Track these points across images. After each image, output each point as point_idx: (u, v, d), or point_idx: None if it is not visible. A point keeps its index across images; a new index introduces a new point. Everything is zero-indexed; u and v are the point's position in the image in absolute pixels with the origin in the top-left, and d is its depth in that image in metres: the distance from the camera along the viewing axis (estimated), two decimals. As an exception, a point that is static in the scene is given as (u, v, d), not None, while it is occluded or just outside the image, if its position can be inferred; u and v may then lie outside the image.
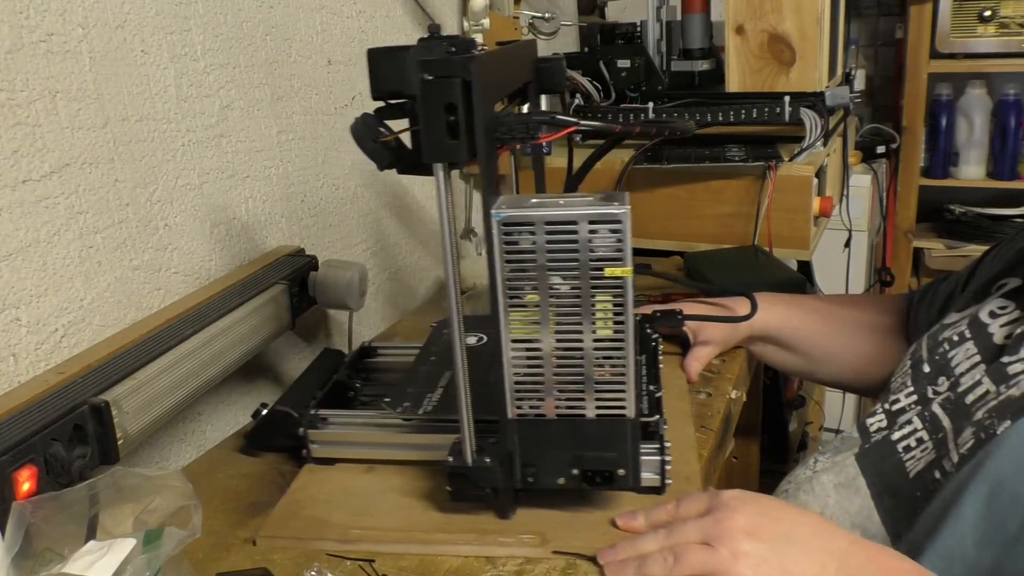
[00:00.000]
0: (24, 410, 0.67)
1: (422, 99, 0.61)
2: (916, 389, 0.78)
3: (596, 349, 0.65)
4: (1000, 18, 2.24)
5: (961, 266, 0.98)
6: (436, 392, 0.82)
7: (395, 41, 1.31)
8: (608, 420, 0.66)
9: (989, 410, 0.67)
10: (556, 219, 0.62)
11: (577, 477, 0.68)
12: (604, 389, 0.66)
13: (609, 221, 0.62)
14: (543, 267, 0.63)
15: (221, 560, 0.70)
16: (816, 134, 1.31)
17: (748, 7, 1.30)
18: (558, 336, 0.65)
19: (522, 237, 0.63)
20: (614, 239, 0.62)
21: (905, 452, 0.74)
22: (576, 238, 0.62)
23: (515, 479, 0.69)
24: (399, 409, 0.80)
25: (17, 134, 0.74)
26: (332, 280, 1.02)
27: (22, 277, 0.76)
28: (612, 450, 0.67)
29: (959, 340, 0.78)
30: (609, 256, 0.62)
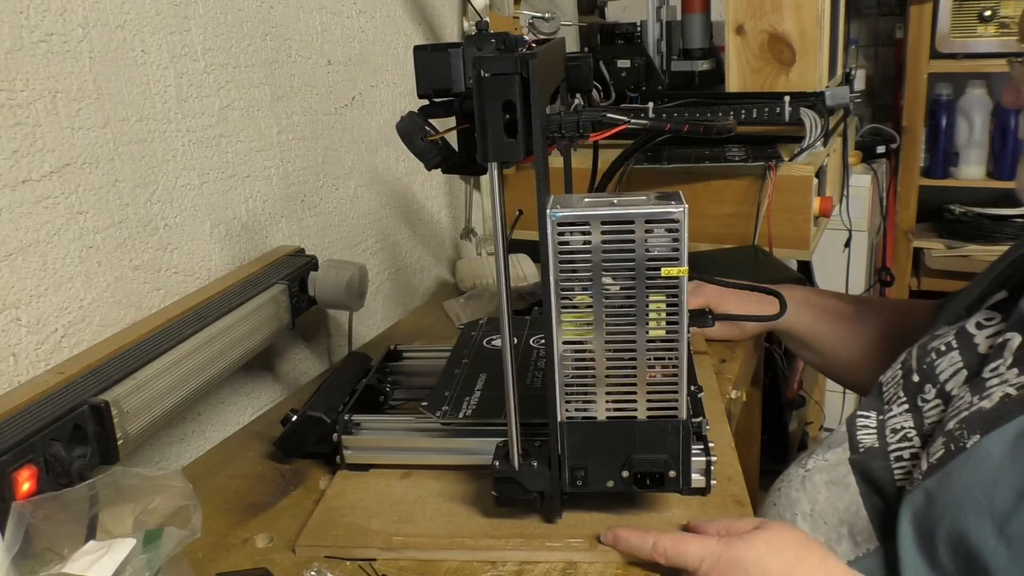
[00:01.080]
0: (24, 410, 0.67)
1: (479, 97, 0.60)
2: (908, 399, 0.79)
3: (648, 350, 0.64)
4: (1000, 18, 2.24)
5: (960, 266, 0.98)
6: (474, 395, 0.81)
7: (395, 41, 1.31)
8: (659, 421, 0.66)
9: (961, 421, 0.68)
10: (612, 219, 0.61)
11: (627, 479, 0.67)
12: (656, 390, 0.65)
13: (666, 220, 0.61)
14: (598, 267, 0.62)
15: (221, 560, 0.70)
16: (816, 134, 1.31)
17: (748, 7, 1.30)
18: (610, 337, 0.64)
19: (577, 237, 0.62)
20: (670, 238, 0.61)
21: (896, 461, 0.74)
22: (632, 238, 0.62)
23: (564, 483, 0.68)
24: (438, 413, 0.78)
25: (17, 134, 0.74)
26: (332, 280, 1.02)
27: (22, 277, 0.76)
28: (663, 451, 0.66)
29: (946, 350, 0.78)
30: (664, 256, 0.62)
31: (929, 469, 0.68)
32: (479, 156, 0.62)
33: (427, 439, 0.80)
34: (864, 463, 0.76)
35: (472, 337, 0.93)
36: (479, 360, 0.87)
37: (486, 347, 0.91)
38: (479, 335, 0.93)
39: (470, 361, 0.88)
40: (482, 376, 0.84)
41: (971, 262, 2.31)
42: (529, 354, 0.88)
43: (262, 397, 1.07)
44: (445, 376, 0.85)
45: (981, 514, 0.62)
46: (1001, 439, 0.63)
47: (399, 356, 0.97)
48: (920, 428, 0.75)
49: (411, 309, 1.34)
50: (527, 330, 0.94)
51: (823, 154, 1.38)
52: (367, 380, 0.89)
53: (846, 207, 1.98)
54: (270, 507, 0.77)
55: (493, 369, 0.85)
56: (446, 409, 0.79)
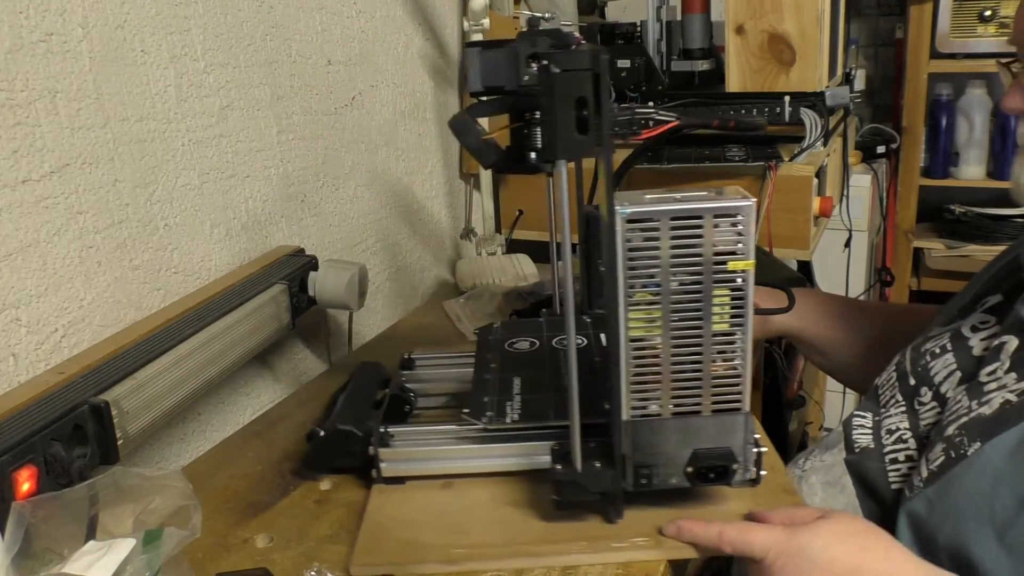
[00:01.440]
0: (24, 410, 0.67)
1: (550, 93, 0.58)
2: (904, 401, 0.79)
3: (713, 344, 0.64)
4: (1000, 18, 2.24)
5: (960, 266, 0.98)
6: (514, 399, 0.79)
7: (395, 41, 1.31)
8: (723, 415, 0.66)
9: (960, 427, 0.68)
10: (681, 214, 0.61)
11: (691, 475, 0.67)
12: (720, 384, 0.65)
13: (733, 214, 0.61)
14: (665, 263, 0.62)
15: (221, 560, 0.70)
16: (816, 134, 1.31)
17: (748, 7, 1.30)
18: (675, 333, 0.64)
19: (644, 233, 0.62)
20: (734, 232, 0.62)
21: (891, 464, 0.74)
22: (701, 232, 0.61)
23: (628, 482, 0.67)
24: (484, 420, 0.75)
25: (17, 134, 0.74)
26: (332, 280, 1.02)
27: (22, 277, 0.76)
28: (726, 445, 0.67)
29: (940, 352, 0.78)
30: (729, 250, 0.62)
31: (930, 476, 0.67)
32: (547, 153, 0.60)
33: (468, 447, 0.77)
34: (859, 464, 0.76)
35: (491, 341, 0.91)
36: (507, 364, 0.85)
37: (509, 350, 0.89)
38: (497, 339, 0.91)
39: (498, 365, 0.85)
40: (516, 379, 0.82)
41: (971, 262, 2.31)
42: (555, 356, 0.87)
43: (262, 397, 1.07)
44: (478, 382, 0.83)
45: (982, 522, 0.62)
46: (1002, 447, 0.63)
47: (412, 364, 0.94)
48: (916, 430, 0.75)
49: (411, 309, 1.34)
50: (546, 332, 0.92)
51: (823, 154, 1.38)
52: (391, 390, 0.86)
53: (846, 207, 1.98)
54: (270, 507, 0.77)
55: (526, 372, 0.83)
56: (491, 415, 0.76)
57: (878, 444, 0.77)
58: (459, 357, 0.94)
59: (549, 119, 0.59)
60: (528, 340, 0.90)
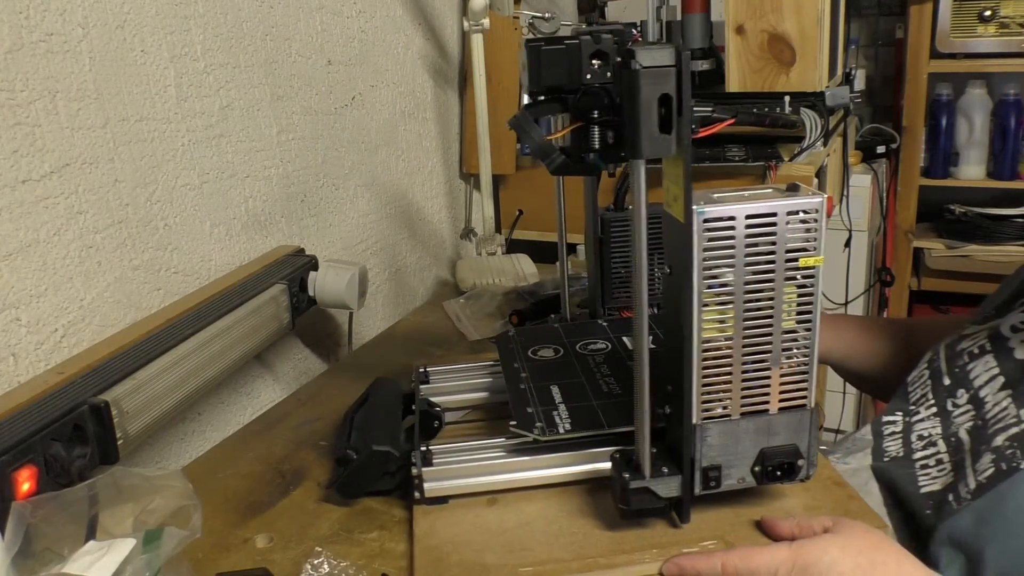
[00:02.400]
0: (24, 410, 0.67)
1: (633, 90, 0.56)
2: (936, 402, 0.77)
3: (783, 342, 0.64)
4: (1000, 18, 2.24)
5: (960, 266, 0.97)
6: (559, 408, 0.76)
7: (395, 41, 1.31)
8: (790, 412, 0.66)
9: (1011, 437, 0.66)
10: (757, 212, 0.61)
11: (759, 474, 0.67)
12: (788, 381, 0.65)
13: (806, 211, 0.62)
14: (740, 262, 0.62)
15: (221, 560, 0.70)
16: (816, 134, 1.31)
17: (748, 7, 1.30)
18: (748, 332, 0.63)
19: (721, 233, 0.61)
20: (805, 228, 0.62)
21: (922, 470, 0.73)
22: (775, 230, 0.61)
23: (697, 486, 0.66)
24: (536, 432, 0.72)
25: (17, 134, 0.74)
26: (332, 280, 1.02)
27: (22, 277, 0.76)
28: (792, 442, 0.67)
29: (979, 352, 0.76)
30: (800, 246, 0.62)
31: (978, 488, 0.66)
32: (630, 152, 0.58)
33: (518, 459, 0.74)
34: (888, 472, 0.74)
35: (512, 350, 0.89)
36: (538, 373, 0.83)
37: (536, 358, 0.87)
38: (518, 347, 0.89)
39: (529, 375, 0.83)
40: (554, 388, 0.80)
41: (971, 262, 2.31)
42: (585, 362, 0.85)
43: (262, 397, 1.07)
44: (516, 393, 0.80)
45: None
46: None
47: (428, 377, 0.91)
48: (946, 432, 0.73)
49: (411, 309, 1.34)
50: (566, 338, 0.91)
51: (823, 154, 1.38)
52: (418, 406, 0.83)
53: (846, 207, 1.97)
54: (270, 507, 0.77)
55: (561, 380, 0.82)
56: (541, 426, 0.73)
57: (908, 450, 0.75)
58: (473, 368, 0.92)
59: (631, 118, 0.57)
60: (551, 347, 0.89)
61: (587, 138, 0.66)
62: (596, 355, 0.87)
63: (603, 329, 0.93)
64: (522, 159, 1.49)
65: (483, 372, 0.91)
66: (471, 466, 0.74)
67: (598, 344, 0.89)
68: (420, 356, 1.09)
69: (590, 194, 0.93)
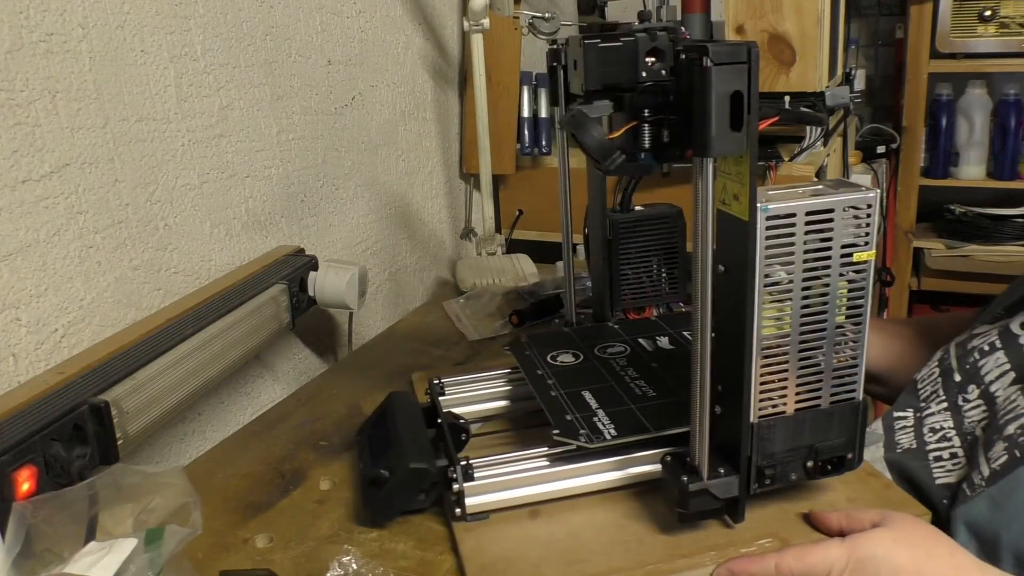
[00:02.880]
0: (24, 410, 0.67)
1: (704, 87, 0.56)
2: (947, 397, 0.77)
3: (836, 336, 0.65)
4: (1000, 18, 2.24)
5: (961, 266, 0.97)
6: (598, 414, 0.75)
7: (395, 41, 1.31)
8: (841, 406, 0.67)
9: (1022, 426, 0.66)
10: (817, 208, 0.61)
11: (811, 469, 0.68)
12: (839, 375, 0.66)
13: (861, 206, 0.62)
14: (799, 258, 0.62)
15: (221, 560, 0.70)
16: (816, 134, 1.31)
17: (748, 7, 1.30)
18: (804, 327, 0.64)
19: (782, 230, 0.61)
20: (856, 224, 0.63)
21: (935, 461, 0.73)
22: (832, 226, 0.62)
23: (753, 484, 0.67)
24: (582, 439, 0.71)
25: (17, 134, 0.74)
26: (332, 280, 1.02)
27: (22, 277, 0.76)
28: (843, 436, 0.67)
29: (990, 350, 0.77)
30: (851, 242, 0.63)
31: (992, 475, 0.66)
32: (700, 150, 0.58)
33: (563, 468, 0.73)
34: (902, 463, 0.75)
35: (530, 357, 0.87)
36: (565, 379, 0.82)
37: (558, 364, 0.86)
38: (535, 354, 0.88)
39: (555, 381, 0.82)
40: (585, 394, 0.79)
41: (971, 262, 2.31)
42: (608, 366, 0.85)
43: (262, 397, 1.07)
44: (549, 400, 0.78)
45: None
46: None
47: (444, 389, 0.88)
48: (959, 428, 0.74)
49: (411, 309, 1.34)
50: (582, 342, 0.90)
51: (823, 154, 1.39)
52: (444, 419, 0.80)
53: (846, 207, 1.97)
54: (270, 507, 0.77)
55: (591, 386, 0.81)
56: (586, 433, 0.72)
57: (921, 442, 0.75)
58: (490, 377, 0.90)
59: (701, 115, 0.57)
60: (569, 352, 0.88)
61: (639, 137, 0.65)
62: (617, 358, 0.86)
63: (615, 332, 0.92)
64: (522, 159, 1.49)
65: (501, 381, 0.89)
66: (514, 478, 0.73)
67: (615, 347, 0.89)
68: (420, 356, 1.09)
69: (598, 195, 0.92)
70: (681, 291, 0.97)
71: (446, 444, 0.76)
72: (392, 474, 0.70)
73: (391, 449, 0.74)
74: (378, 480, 0.71)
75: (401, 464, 0.71)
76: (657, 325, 0.94)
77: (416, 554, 0.69)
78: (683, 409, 0.67)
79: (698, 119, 0.57)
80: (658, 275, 0.95)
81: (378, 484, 0.71)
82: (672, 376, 0.82)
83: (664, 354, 0.87)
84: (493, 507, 0.72)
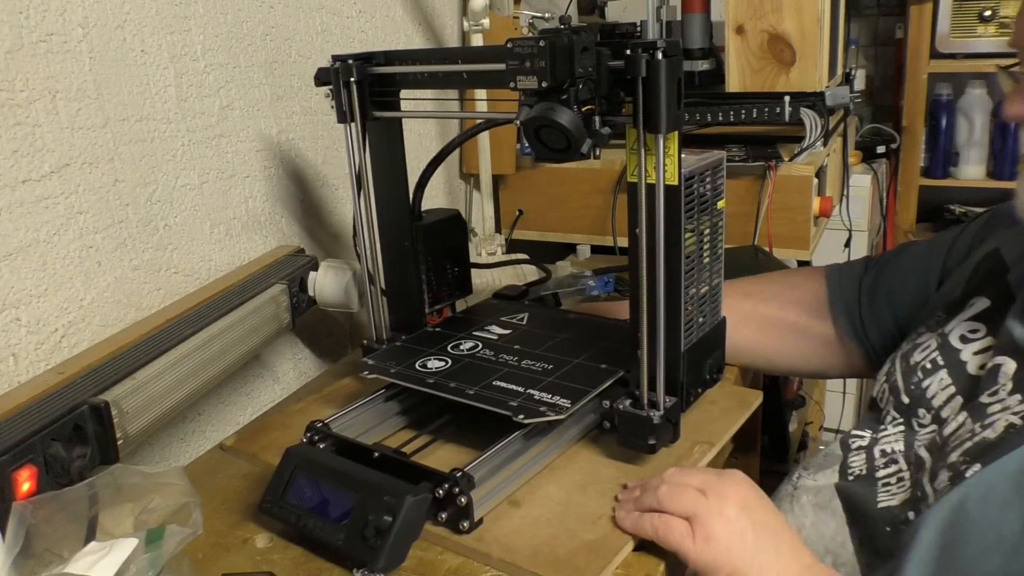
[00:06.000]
0: (24, 410, 0.67)
1: (655, 76, 0.67)
2: (904, 420, 0.77)
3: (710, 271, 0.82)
4: (1000, 18, 2.24)
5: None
6: (531, 393, 0.76)
7: (395, 41, 1.31)
8: (717, 325, 0.85)
9: (964, 452, 0.66)
10: (703, 168, 0.77)
11: (708, 380, 0.85)
12: (715, 300, 0.83)
13: (722, 165, 0.80)
14: (697, 209, 0.77)
15: (221, 560, 0.70)
16: (816, 134, 1.31)
17: (748, 7, 1.30)
18: (690, 265, 0.78)
19: (689, 189, 0.76)
20: (719, 178, 0.80)
21: (884, 487, 0.73)
22: (709, 182, 0.78)
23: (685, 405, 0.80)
24: (551, 414, 0.73)
25: (17, 134, 0.74)
26: (332, 280, 1.02)
27: (22, 277, 0.76)
28: (719, 347, 0.86)
29: (932, 368, 0.76)
30: (718, 193, 0.80)
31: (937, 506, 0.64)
32: (651, 128, 0.68)
33: (533, 451, 0.76)
34: (850, 489, 0.74)
35: (401, 373, 0.83)
36: (461, 377, 0.81)
37: (434, 370, 0.83)
38: (402, 370, 0.84)
39: (456, 383, 0.80)
40: (498, 383, 0.79)
41: (971, 262, 2.31)
42: (483, 359, 0.85)
43: (262, 397, 1.07)
44: (477, 397, 0.77)
45: (990, 550, 0.59)
46: (1004, 469, 0.61)
47: (330, 428, 0.79)
48: (907, 450, 0.73)
49: (411, 309, 1.34)
50: (430, 348, 0.88)
51: (823, 154, 1.39)
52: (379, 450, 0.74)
53: (846, 207, 1.97)
54: (270, 507, 0.77)
55: (493, 375, 0.81)
56: (545, 408, 0.74)
57: (871, 467, 0.75)
58: (363, 407, 0.84)
59: (653, 100, 0.67)
60: (432, 358, 0.86)
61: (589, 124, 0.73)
62: (481, 351, 0.87)
63: (444, 334, 0.91)
64: (522, 159, 1.49)
65: (379, 402, 0.85)
66: (505, 473, 0.73)
67: (466, 343, 0.89)
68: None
69: (403, 203, 0.93)
70: (467, 288, 1.01)
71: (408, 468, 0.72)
72: (394, 516, 0.65)
73: (361, 496, 0.68)
74: (382, 529, 0.65)
75: (397, 502, 0.66)
76: (470, 320, 0.96)
77: (416, 554, 0.69)
78: (586, 370, 0.81)
79: (650, 103, 0.68)
80: (452, 275, 0.99)
81: (384, 534, 0.65)
82: (542, 351, 0.86)
83: (514, 338, 0.90)
84: (487, 509, 0.72)
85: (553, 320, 0.96)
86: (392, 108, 0.87)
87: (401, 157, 0.92)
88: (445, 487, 0.68)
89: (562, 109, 0.68)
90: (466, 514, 0.69)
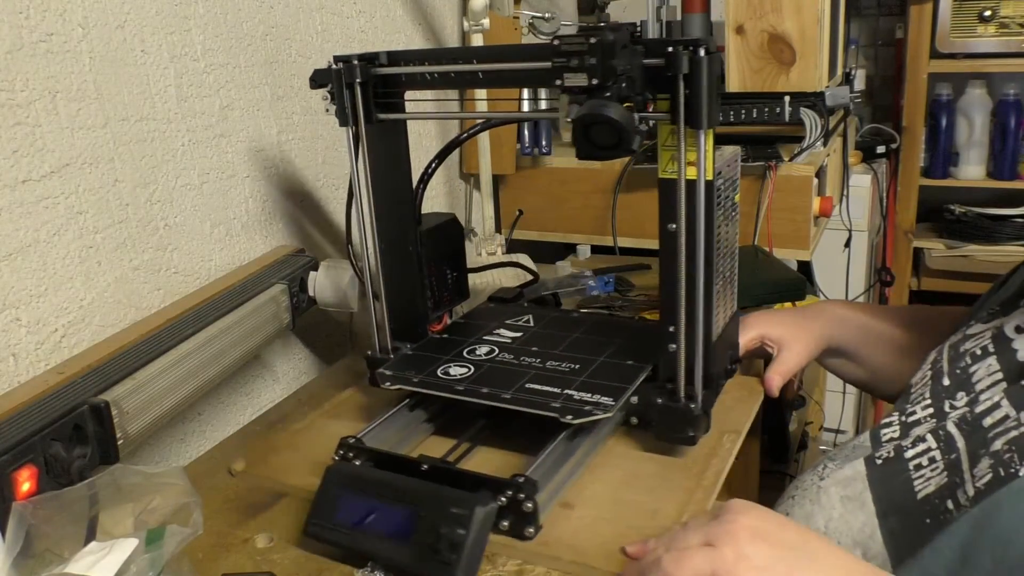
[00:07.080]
0: (24, 410, 0.67)
1: (698, 73, 0.68)
2: (933, 403, 0.75)
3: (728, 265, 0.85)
4: (1000, 18, 2.24)
5: (961, 266, 0.95)
6: (571, 393, 0.76)
7: (395, 41, 1.31)
8: (734, 317, 0.88)
9: (1009, 441, 0.63)
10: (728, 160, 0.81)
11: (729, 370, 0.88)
12: (733, 292, 0.87)
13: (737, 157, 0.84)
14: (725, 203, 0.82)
15: (221, 560, 0.70)
16: (816, 134, 1.31)
17: (748, 7, 1.30)
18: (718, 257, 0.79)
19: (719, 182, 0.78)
20: (736, 172, 0.85)
21: (916, 471, 0.70)
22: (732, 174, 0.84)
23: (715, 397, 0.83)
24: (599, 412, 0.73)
25: (17, 134, 0.74)
26: (332, 280, 1.02)
27: (22, 277, 0.76)
28: (735, 336, 0.90)
29: (982, 354, 0.74)
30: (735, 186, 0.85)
31: (976, 495, 0.64)
32: (694, 124, 0.69)
33: (581, 450, 0.76)
34: (882, 479, 0.72)
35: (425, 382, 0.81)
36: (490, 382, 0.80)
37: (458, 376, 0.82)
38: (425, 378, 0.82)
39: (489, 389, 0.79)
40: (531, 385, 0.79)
41: (971, 262, 2.31)
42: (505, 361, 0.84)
43: (262, 397, 1.07)
44: (515, 400, 0.77)
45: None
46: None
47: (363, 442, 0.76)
48: (942, 438, 0.71)
49: (411, 309, 1.34)
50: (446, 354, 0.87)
51: (823, 154, 1.39)
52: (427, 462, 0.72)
53: (846, 207, 1.98)
54: (270, 507, 0.77)
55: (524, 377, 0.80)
56: (590, 407, 0.73)
57: (899, 453, 0.72)
58: (393, 418, 0.82)
59: (695, 96, 0.68)
60: (452, 365, 0.84)
61: None
62: (502, 355, 0.85)
63: (457, 341, 0.89)
64: (522, 159, 1.49)
65: (405, 410, 0.83)
66: (560, 476, 0.73)
67: (483, 348, 0.87)
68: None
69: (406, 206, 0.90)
70: (465, 292, 0.99)
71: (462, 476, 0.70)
72: (467, 528, 0.62)
73: (422, 511, 0.65)
74: (456, 543, 0.62)
75: (465, 515, 0.63)
76: (476, 325, 0.94)
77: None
78: (614, 367, 0.81)
79: (692, 99, 0.69)
80: (451, 280, 0.96)
81: (457, 549, 0.62)
82: (562, 351, 0.86)
83: (527, 340, 0.89)
84: (545, 515, 0.70)
85: (559, 320, 0.96)
86: (396, 110, 0.86)
87: (405, 160, 0.91)
88: (508, 494, 0.66)
89: (614, 105, 0.69)
90: (532, 520, 0.67)
